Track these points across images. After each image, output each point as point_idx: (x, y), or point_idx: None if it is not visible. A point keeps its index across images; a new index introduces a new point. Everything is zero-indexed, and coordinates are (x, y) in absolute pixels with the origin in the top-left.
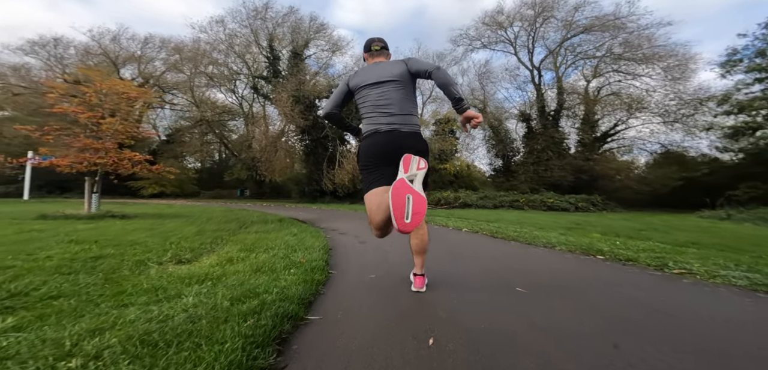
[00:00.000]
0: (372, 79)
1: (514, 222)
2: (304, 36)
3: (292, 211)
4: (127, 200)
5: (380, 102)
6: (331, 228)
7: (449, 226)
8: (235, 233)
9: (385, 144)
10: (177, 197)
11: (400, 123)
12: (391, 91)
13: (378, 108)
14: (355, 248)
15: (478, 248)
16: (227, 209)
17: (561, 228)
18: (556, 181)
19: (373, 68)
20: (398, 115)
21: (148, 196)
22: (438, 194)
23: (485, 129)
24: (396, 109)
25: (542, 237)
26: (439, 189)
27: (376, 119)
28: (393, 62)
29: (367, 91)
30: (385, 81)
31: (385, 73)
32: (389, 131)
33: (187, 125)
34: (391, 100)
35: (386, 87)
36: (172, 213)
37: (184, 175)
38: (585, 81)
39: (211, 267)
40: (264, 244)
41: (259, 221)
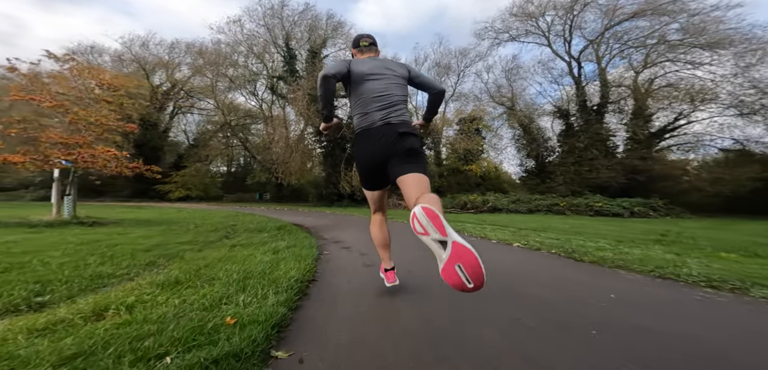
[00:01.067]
0: (375, 71)
1: (574, 232)
2: (322, 34)
3: (302, 216)
4: (141, 204)
5: (380, 93)
6: (336, 240)
7: (491, 237)
8: (203, 247)
9: (377, 144)
10: (201, 201)
11: (393, 116)
12: (393, 86)
13: (376, 99)
14: (355, 280)
15: (585, 295)
16: (231, 214)
17: (650, 242)
18: (602, 182)
19: (375, 61)
20: (392, 109)
21: (174, 199)
22: (464, 197)
23: (514, 128)
24: (392, 102)
25: (660, 262)
26: (465, 192)
27: (373, 111)
28: (395, 62)
29: (368, 83)
30: (388, 76)
31: (390, 70)
32: (383, 124)
33: (211, 130)
34: (390, 93)
35: (388, 81)
36: (157, 219)
37: (208, 179)
38: (633, 72)
39: (72, 323)
40: (221, 269)
41: (252, 229)
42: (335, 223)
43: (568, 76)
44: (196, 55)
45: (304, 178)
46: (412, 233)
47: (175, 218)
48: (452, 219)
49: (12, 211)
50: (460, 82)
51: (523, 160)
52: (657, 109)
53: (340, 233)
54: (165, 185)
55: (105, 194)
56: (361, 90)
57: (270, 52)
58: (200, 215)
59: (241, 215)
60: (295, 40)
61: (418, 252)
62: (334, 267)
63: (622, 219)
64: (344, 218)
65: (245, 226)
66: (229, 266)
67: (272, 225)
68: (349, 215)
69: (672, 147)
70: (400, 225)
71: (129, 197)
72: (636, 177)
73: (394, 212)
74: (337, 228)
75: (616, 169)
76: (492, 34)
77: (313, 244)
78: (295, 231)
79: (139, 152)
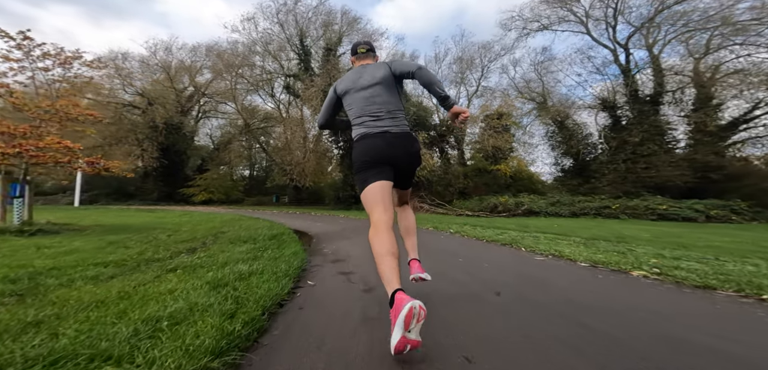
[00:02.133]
0: (358, 83)
1: (679, 245)
2: (337, 30)
3: (312, 221)
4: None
5: (368, 105)
6: (336, 256)
7: (574, 257)
8: (132, 270)
9: (375, 145)
10: (222, 204)
11: (390, 125)
12: (378, 94)
13: (366, 111)
14: (336, 345)
15: None
16: (232, 219)
17: None
18: (662, 182)
19: (358, 72)
20: (386, 118)
21: (197, 203)
22: (493, 199)
23: (547, 124)
24: (384, 111)
25: None
26: (493, 193)
27: (366, 121)
28: (376, 65)
29: (353, 96)
30: (370, 85)
31: (371, 77)
32: (380, 133)
33: (232, 133)
34: (378, 103)
35: (373, 90)
36: (136, 225)
37: (230, 183)
38: (692, 58)
39: None
40: (85, 320)
41: (238, 239)
42: (346, 229)
43: (612, 64)
44: (215, 58)
45: (321, 181)
46: None
47: (159, 224)
48: (486, 224)
49: None
50: (483, 77)
51: (559, 159)
52: (728, 98)
53: (347, 244)
54: (189, 189)
55: (134, 198)
56: (350, 104)
57: (286, 51)
58: (197, 219)
59: (244, 219)
60: (310, 39)
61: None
62: (311, 311)
63: (697, 224)
64: (358, 224)
65: (234, 234)
66: (107, 312)
67: (268, 233)
68: (365, 219)
69: (750, 141)
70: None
71: (156, 201)
72: (709, 175)
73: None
74: (344, 237)
75: (680, 166)
76: (520, 23)
77: (302, 261)
78: (291, 242)
79: (164, 156)
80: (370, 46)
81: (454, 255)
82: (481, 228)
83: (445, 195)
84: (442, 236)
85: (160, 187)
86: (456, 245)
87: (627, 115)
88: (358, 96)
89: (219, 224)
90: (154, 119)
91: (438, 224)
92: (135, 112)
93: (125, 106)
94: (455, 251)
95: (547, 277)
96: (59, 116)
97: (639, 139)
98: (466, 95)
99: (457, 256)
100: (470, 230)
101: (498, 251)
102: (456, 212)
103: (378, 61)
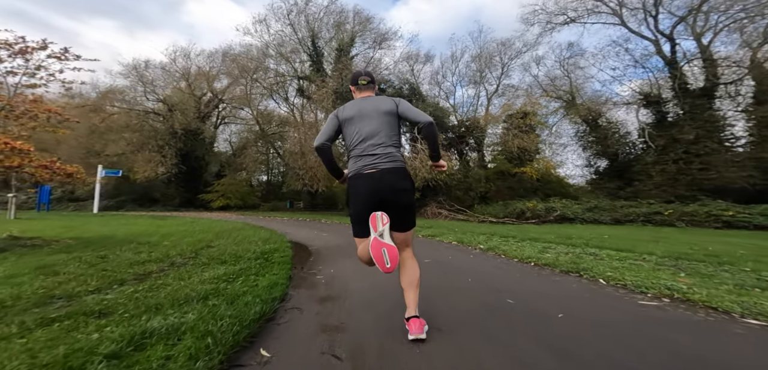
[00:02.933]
0: (361, 114)
1: None
2: (349, 31)
3: (318, 229)
4: (164, 214)
5: (367, 136)
6: (331, 291)
7: (681, 293)
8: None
9: (367, 190)
10: (238, 210)
11: (385, 160)
12: (379, 128)
13: (365, 142)
14: None
15: None
16: (233, 229)
17: None
18: (723, 184)
19: (362, 103)
20: (382, 151)
21: (215, 209)
22: (519, 203)
23: (576, 124)
24: (382, 145)
25: None
26: (519, 198)
27: (362, 155)
28: (383, 99)
29: (355, 125)
30: (374, 117)
31: (375, 109)
32: (372, 173)
33: (248, 138)
34: (377, 136)
35: (375, 123)
36: (121, 237)
37: (246, 188)
38: (748, 48)
39: None
40: None
41: (222, 257)
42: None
43: (653, 56)
44: (230, 63)
45: (335, 185)
46: None
47: (147, 235)
48: (517, 233)
49: None
50: (504, 75)
51: (592, 160)
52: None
53: (348, 267)
54: (208, 195)
55: (158, 203)
56: (349, 132)
57: (298, 53)
58: (195, 228)
59: (247, 229)
60: (322, 40)
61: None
62: None
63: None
64: None
65: (219, 251)
66: None
67: (260, 248)
68: None
69: None
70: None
71: (177, 207)
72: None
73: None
74: (348, 255)
75: (746, 166)
76: (543, 17)
77: (276, 297)
78: (278, 264)
79: (184, 162)
80: (372, 77)
81: (498, 292)
82: (515, 241)
83: (464, 200)
84: (471, 255)
85: (182, 193)
86: (494, 271)
87: (675, 110)
88: (358, 127)
89: (213, 236)
90: (174, 125)
91: (462, 235)
92: (156, 119)
93: (148, 114)
94: (498, 283)
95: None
96: (16, 114)
97: (693, 137)
98: (486, 95)
99: (502, 292)
100: (505, 245)
101: (562, 285)
102: (478, 218)
103: (377, 91)
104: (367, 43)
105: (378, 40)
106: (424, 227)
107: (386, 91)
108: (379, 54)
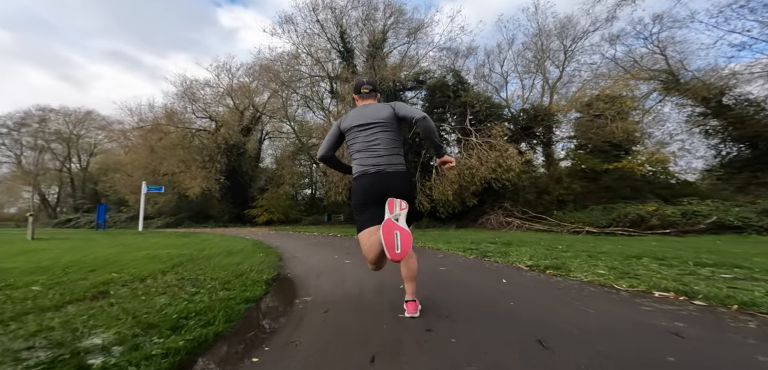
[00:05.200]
0: (361, 121)
1: None
2: (380, 24)
3: (343, 252)
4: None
5: (368, 143)
6: None
7: None
8: None
9: (372, 185)
10: (281, 224)
11: (386, 163)
12: (379, 133)
13: (366, 149)
14: None
15: None
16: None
17: None
18: None
19: (362, 110)
20: (385, 156)
21: (260, 223)
22: (629, 207)
23: (683, 107)
24: (383, 150)
25: None
26: (622, 200)
27: (365, 160)
28: (381, 105)
29: (356, 133)
30: (373, 123)
31: (374, 116)
32: (376, 172)
33: (289, 151)
34: (378, 142)
35: (374, 129)
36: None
37: (288, 202)
38: None
39: None
40: None
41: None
42: (384, 283)
43: None
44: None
45: None
46: None
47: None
48: (662, 247)
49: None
50: (573, 58)
51: (720, 148)
52: None
53: None
54: (253, 210)
55: (212, 219)
56: (353, 140)
57: (328, 53)
58: (210, 244)
59: (259, 252)
60: (352, 35)
61: None
62: None
63: None
64: (420, 258)
65: (217, 280)
66: None
67: (264, 276)
68: (433, 250)
69: None
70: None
71: (227, 222)
72: None
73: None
74: (367, 311)
75: None
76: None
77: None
78: None
79: (230, 178)
80: (374, 86)
81: None
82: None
83: (536, 205)
84: (644, 307)
85: (230, 209)
86: None
87: None
88: (361, 134)
89: (168, 266)
90: (219, 141)
91: (569, 257)
92: (205, 135)
93: (198, 132)
94: None
95: None
96: None
97: None
98: (546, 83)
99: None
100: (699, 285)
101: None
102: (566, 228)
103: (380, 100)
104: (400, 37)
105: (412, 33)
106: (489, 240)
107: (426, 83)
108: (413, 49)
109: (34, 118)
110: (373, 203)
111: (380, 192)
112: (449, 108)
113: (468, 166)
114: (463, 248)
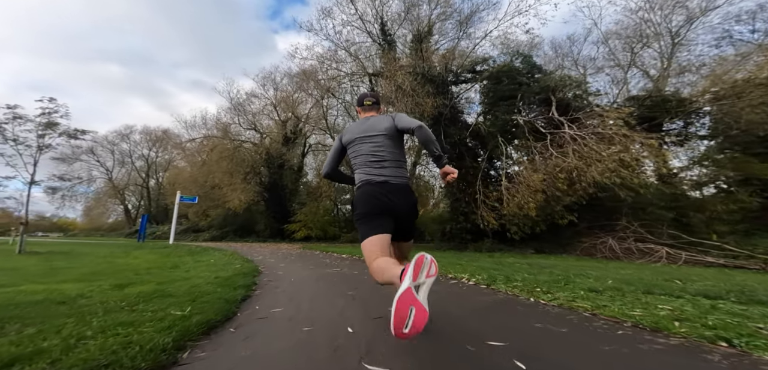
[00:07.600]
0: (363, 134)
1: None
2: (426, 13)
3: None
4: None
5: (371, 155)
6: None
7: None
8: None
9: (378, 194)
10: (319, 241)
11: (390, 175)
12: (381, 145)
13: (369, 161)
14: None
15: None
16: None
17: None
18: None
19: (363, 123)
20: (388, 167)
21: (298, 239)
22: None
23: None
24: (386, 162)
25: None
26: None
27: (369, 170)
28: (381, 117)
29: (358, 146)
30: (374, 135)
31: (375, 128)
32: (381, 182)
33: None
34: (381, 154)
35: (376, 140)
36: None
37: (326, 217)
38: None
39: None
40: None
41: None
42: None
43: None
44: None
45: (421, 212)
46: None
47: None
48: None
49: None
50: (676, 49)
51: None
52: None
53: None
54: (292, 225)
55: (253, 234)
56: (355, 153)
57: (368, 48)
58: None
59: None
60: (393, 26)
61: None
62: None
63: None
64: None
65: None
66: None
67: None
68: (507, 295)
69: None
70: None
71: (267, 238)
72: None
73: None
74: None
75: None
76: None
77: None
78: None
79: (270, 191)
80: (376, 98)
81: None
82: None
83: (676, 226)
84: None
85: (271, 223)
86: None
87: None
88: (363, 146)
89: None
90: (262, 152)
91: None
92: (250, 149)
93: (243, 144)
94: None
95: None
96: None
97: None
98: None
99: None
100: None
101: None
102: (758, 263)
103: (383, 113)
104: (449, 35)
105: (463, 24)
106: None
107: (485, 71)
108: (464, 43)
109: (122, 137)
110: (377, 211)
111: (386, 205)
112: (523, 97)
113: (562, 168)
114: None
